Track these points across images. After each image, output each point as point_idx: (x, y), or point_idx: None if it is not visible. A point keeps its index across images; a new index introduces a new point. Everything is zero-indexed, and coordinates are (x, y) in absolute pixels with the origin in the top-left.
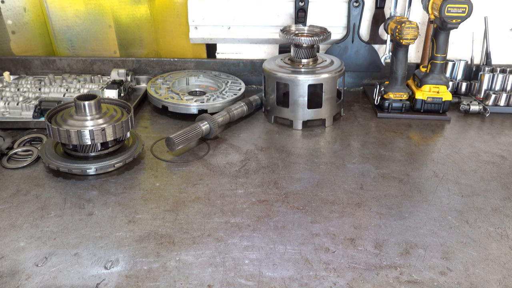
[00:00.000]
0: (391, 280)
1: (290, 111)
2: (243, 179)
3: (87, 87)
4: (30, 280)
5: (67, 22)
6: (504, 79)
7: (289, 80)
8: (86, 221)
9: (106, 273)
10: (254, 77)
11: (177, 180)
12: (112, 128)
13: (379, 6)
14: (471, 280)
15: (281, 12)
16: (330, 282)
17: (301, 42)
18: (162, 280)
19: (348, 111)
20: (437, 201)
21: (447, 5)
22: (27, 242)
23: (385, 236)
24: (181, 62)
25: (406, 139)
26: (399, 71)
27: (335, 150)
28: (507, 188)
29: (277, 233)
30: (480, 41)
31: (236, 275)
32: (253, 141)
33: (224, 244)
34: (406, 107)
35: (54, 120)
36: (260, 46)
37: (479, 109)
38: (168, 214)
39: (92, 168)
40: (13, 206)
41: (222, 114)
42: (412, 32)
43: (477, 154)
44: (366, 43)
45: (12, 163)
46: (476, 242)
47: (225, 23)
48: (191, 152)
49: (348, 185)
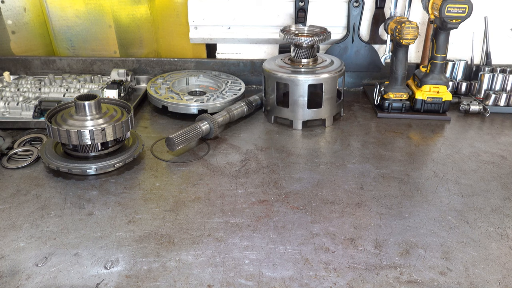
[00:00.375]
0: (391, 280)
1: (290, 111)
2: (243, 179)
3: (87, 87)
4: (30, 280)
5: (67, 22)
6: (504, 79)
7: (289, 80)
8: (86, 221)
9: (106, 273)
10: (254, 77)
11: (177, 180)
12: (112, 128)
13: (379, 6)
14: (471, 280)
15: (281, 12)
16: (330, 282)
17: (301, 42)
18: (162, 280)
19: (348, 111)
20: (437, 201)
21: (447, 5)
22: (27, 242)
23: (385, 236)
24: (181, 62)
25: (406, 139)
26: (399, 71)
27: (335, 150)
28: (507, 188)
29: (277, 233)
30: (480, 41)
31: (236, 275)
32: (253, 141)
33: (224, 244)
34: (406, 107)
35: (54, 120)
36: (260, 46)
37: (479, 109)
38: (168, 214)
39: (92, 168)
40: (13, 206)
41: (222, 114)
42: (412, 32)
43: (477, 154)
44: (366, 43)
45: (12, 163)
46: (476, 242)
47: (225, 23)
48: (191, 152)
49: (348, 185)
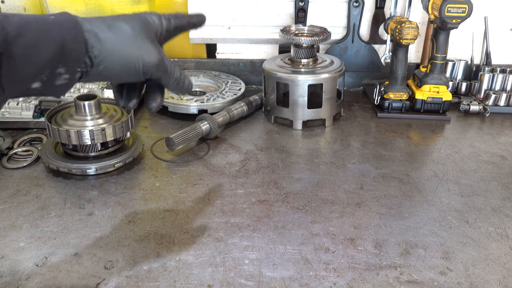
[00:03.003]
0: (391, 280)
1: (290, 111)
2: (243, 179)
3: (87, 87)
4: (30, 280)
5: None
6: (504, 79)
7: (289, 80)
8: (86, 221)
9: (106, 273)
10: (254, 77)
11: (177, 180)
12: (112, 128)
13: (379, 6)
14: (471, 280)
15: (281, 12)
16: (330, 282)
17: (301, 42)
18: (162, 280)
19: (348, 111)
20: (437, 201)
21: (447, 5)
22: (27, 242)
23: (385, 236)
24: (181, 62)
25: (406, 139)
26: (399, 71)
27: (335, 150)
28: (507, 188)
29: (277, 233)
30: (480, 41)
31: (236, 275)
32: (253, 141)
33: (224, 244)
34: (406, 107)
35: (54, 120)
36: (260, 46)
37: (479, 109)
38: (168, 214)
39: (92, 168)
40: (13, 206)
41: (222, 114)
42: (412, 32)
43: (477, 154)
44: (366, 43)
45: (12, 163)
46: (476, 242)
47: (225, 23)
48: (191, 152)
49: (348, 185)
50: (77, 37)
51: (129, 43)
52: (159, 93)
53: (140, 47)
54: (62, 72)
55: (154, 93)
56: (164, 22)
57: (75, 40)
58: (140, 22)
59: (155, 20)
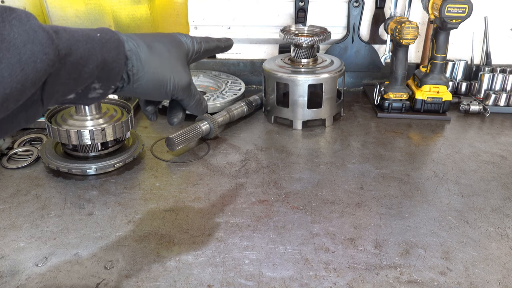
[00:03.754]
0: (391, 280)
1: (290, 111)
2: (243, 179)
3: None
4: (30, 280)
5: (67, 22)
6: (504, 79)
7: (289, 80)
8: (86, 221)
9: (106, 273)
10: (254, 77)
11: (177, 180)
12: (112, 128)
13: (379, 6)
14: (471, 280)
15: (281, 12)
16: (330, 282)
17: (301, 42)
18: (162, 280)
19: (348, 111)
20: (437, 201)
21: (447, 5)
22: (27, 242)
23: (385, 236)
24: None
25: (406, 139)
26: (399, 71)
27: (335, 150)
28: (507, 188)
29: (277, 233)
30: (480, 41)
31: (236, 275)
32: (253, 141)
33: (224, 244)
34: (406, 107)
35: (54, 120)
36: (260, 46)
37: (479, 109)
38: (168, 214)
39: (92, 168)
40: (13, 206)
41: (222, 114)
42: (412, 32)
43: (477, 154)
44: (366, 43)
45: (12, 163)
46: (476, 242)
47: (225, 23)
48: (191, 152)
49: (348, 185)
50: (119, 56)
51: (164, 65)
52: (180, 110)
53: (172, 70)
54: (97, 87)
55: (176, 110)
56: (195, 46)
57: (116, 59)
58: (175, 43)
59: (188, 42)
